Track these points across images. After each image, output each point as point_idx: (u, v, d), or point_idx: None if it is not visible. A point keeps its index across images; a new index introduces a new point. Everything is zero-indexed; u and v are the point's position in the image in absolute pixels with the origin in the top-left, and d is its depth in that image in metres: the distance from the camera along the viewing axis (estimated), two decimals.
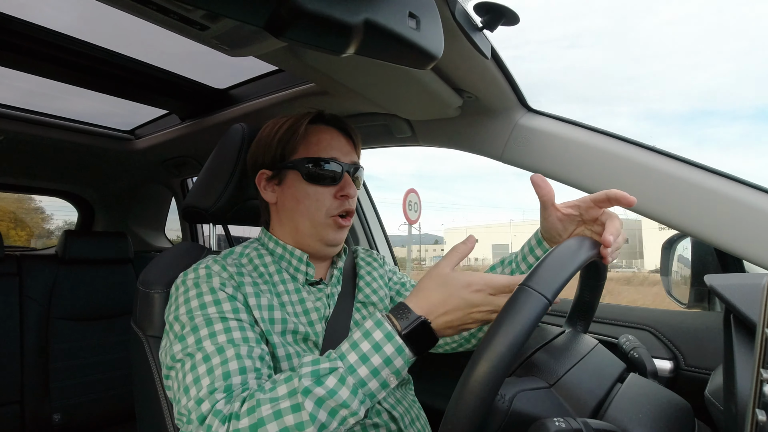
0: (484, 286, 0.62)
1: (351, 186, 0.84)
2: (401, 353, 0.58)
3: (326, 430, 0.56)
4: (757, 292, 0.47)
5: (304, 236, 0.85)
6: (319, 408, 0.56)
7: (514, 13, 0.72)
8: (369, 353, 0.58)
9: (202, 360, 0.64)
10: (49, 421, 1.68)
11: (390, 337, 0.59)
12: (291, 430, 0.55)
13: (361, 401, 0.57)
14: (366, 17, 0.51)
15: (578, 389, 0.60)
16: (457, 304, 0.62)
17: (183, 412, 0.63)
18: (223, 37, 0.68)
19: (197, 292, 0.72)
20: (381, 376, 0.58)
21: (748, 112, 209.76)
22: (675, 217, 0.84)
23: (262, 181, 0.88)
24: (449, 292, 0.62)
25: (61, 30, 1.11)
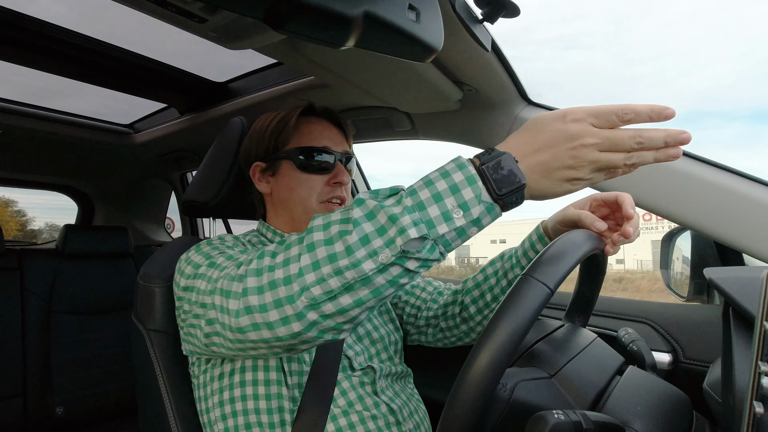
0: (583, 115, 0.51)
1: (344, 173, 0.86)
2: (472, 184, 0.49)
3: (369, 246, 0.49)
4: (756, 286, 0.47)
5: (299, 224, 0.86)
6: (367, 219, 0.50)
7: (514, 4, 0.71)
8: (435, 179, 0.50)
9: (226, 259, 0.65)
10: (52, 414, 1.69)
11: (462, 167, 0.50)
12: (335, 240, 0.50)
13: (414, 222, 0.48)
14: (365, 9, 0.50)
15: (578, 380, 0.60)
16: (550, 138, 0.51)
17: (212, 286, 0.61)
18: (221, 29, 0.67)
19: (209, 243, 0.75)
20: (444, 203, 0.49)
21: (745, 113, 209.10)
22: (675, 210, 0.84)
23: (257, 173, 0.89)
24: (540, 127, 0.53)
25: (59, 23, 1.11)
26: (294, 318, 0.52)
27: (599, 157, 0.50)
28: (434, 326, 0.98)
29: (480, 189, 0.49)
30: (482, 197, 0.49)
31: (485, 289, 0.90)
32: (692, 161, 0.84)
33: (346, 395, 0.76)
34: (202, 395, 0.78)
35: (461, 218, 0.49)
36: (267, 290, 0.54)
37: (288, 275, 0.52)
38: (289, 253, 0.54)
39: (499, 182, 0.49)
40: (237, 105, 1.39)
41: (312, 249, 0.52)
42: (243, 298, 0.55)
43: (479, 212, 0.49)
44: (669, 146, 0.51)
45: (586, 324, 0.82)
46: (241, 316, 0.55)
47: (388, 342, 0.90)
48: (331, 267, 0.50)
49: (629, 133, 0.50)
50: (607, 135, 0.50)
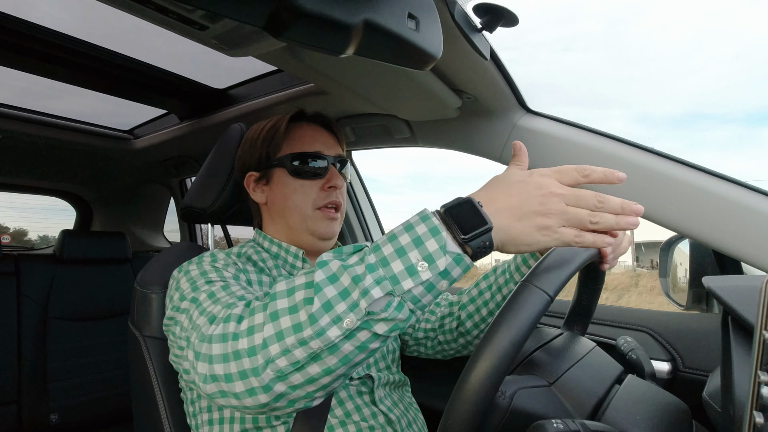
0: (548, 172, 0.53)
1: (338, 177, 0.86)
2: (436, 234, 0.47)
3: (332, 312, 0.47)
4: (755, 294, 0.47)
5: (296, 232, 0.85)
6: (330, 283, 0.48)
7: (513, 14, 0.72)
8: (399, 233, 0.49)
9: (207, 297, 0.63)
10: (47, 421, 1.67)
11: (425, 219, 0.49)
12: (299, 308, 0.48)
13: (376, 280, 0.46)
14: (365, 18, 0.51)
15: (577, 389, 0.60)
16: (518, 188, 0.52)
17: (189, 334, 0.60)
18: (222, 37, 0.68)
19: (198, 267, 0.73)
20: (408, 257, 0.47)
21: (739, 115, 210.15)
22: (673, 218, 0.84)
23: (251, 182, 0.89)
24: (508, 181, 0.53)
25: (59, 29, 1.11)
26: (260, 390, 0.50)
27: (567, 209, 0.51)
28: (432, 339, 0.98)
29: (444, 239, 0.47)
30: (447, 248, 0.47)
31: (480, 304, 0.90)
32: (690, 170, 0.84)
33: (343, 405, 0.76)
34: (191, 411, 0.78)
35: (426, 271, 0.47)
36: (231, 360, 0.51)
37: (252, 346, 0.50)
38: (253, 320, 0.52)
39: (464, 226, 0.48)
40: (237, 111, 1.39)
41: (275, 318, 0.49)
42: (209, 365, 0.53)
43: (446, 263, 0.47)
44: (626, 213, 0.52)
45: (584, 332, 0.82)
46: (208, 383, 0.53)
47: (386, 350, 0.89)
48: (295, 337, 0.48)
49: (590, 192, 0.52)
50: (571, 189, 0.52)
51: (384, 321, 0.47)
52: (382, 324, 0.47)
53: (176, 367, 0.73)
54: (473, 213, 0.49)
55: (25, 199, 2.47)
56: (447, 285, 0.49)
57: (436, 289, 0.49)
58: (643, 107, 43.10)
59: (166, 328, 0.72)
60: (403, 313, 0.48)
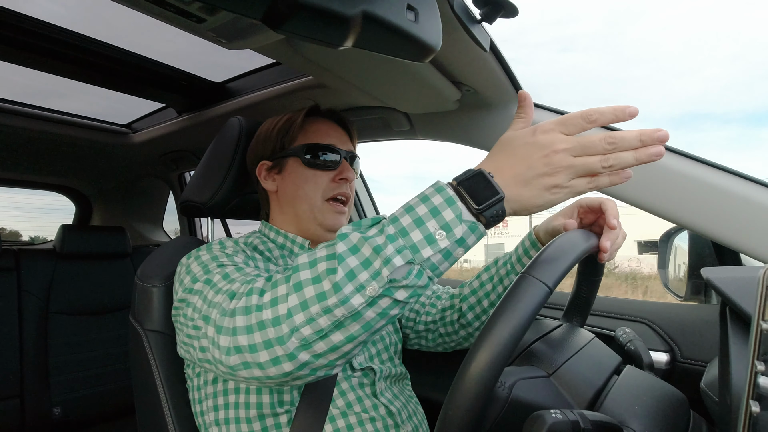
0: (551, 126, 0.53)
1: (349, 170, 0.87)
2: (452, 204, 0.49)
3: (355, 281, 0.49)
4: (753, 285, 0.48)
5: (304, 221, 0.87)
6: (352, 254, 0.50)
7: (512, 5, 0.71)
8: (415, 204, 0.51)
9: (222, 278, 0.64)
10: (49, 415, 1.68)
11: (440, 190, 0.51)
12: (323, 278, 0.50)
13: (397, 249, 0.48)
14: (364, 9, 0.50)
15: (576, 379, 0.61)
16: (522, 152, 0.53)
17: (208, 312, 0.60)
18: (220, 29, 0.67)
19: (208, 251, 0.74)
20: (426, 227, 0.49)
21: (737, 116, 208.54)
22: (672, 210, 0.84)
23: (263, 171, 0.90)
24: (512, 145, 0.54)
25: (57, 23, 1.10)
26: (285, 359, 0.52)
27: (574, 162, 0.51)
28: (433, 331, 0.99)
29: (460, 209, 0.49)
30: (463, 216, 0.49)
31: (481, 296, 0.91)
32: (689, 161, 0.84)
33: (345, 396, 0.76)
34: (197, 398, 0.78)
35: (444, 239, 0.49)
36: (256, 330, 0.53)
37: (276, 316, 0.52)
38: (276, 292, 0.53)
39: (477, 197, 0.50)
40: (235, 105, 1.39)
41: (299, 288, 0.51)
42: (233, 337, 0.54)
43: (462, 232, 0.49)
44: (646, 145, 0.51)
45: (583, 324, 0.82)
46: (231, 354, 0.54)
47: (388, 342, 0.90)
48: (320, 306, 0.49)
49: (599, 135, 0.51)
50: (577, 140, 0.51)
51: (404, 288, 0.49)
52: (403, 291, 0.50)
53: (183, 354, 0.73)
54: (485, 184, 0.50)
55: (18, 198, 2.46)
56: (463, 252, 0.51)
57: (452, 257, 0.51)
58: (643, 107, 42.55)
59: (175, 312, 0.72)
60: (423, 279, 0.50)
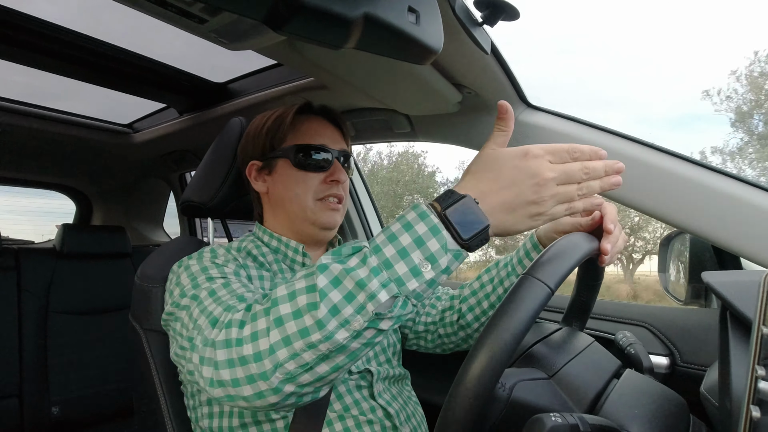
0: (541, 152, 0.52)
1: (341, 172, 0.85)
2: (437, 234, 0.48)
3: (339, 316, 0.47)
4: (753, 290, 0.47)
5: (296, 223, 0.85)
6: (334, 287, 0.48)
7: (514, 8, 0.72)
8: (398, 232, 0.49)
9: (208, 295, 0.63)
10: (48, 414, 1.68)
11: (424, 216, 0.49)
12: (303, 312, 0.49)
13: (382, 284, 0.47)
14: (365, 11, 0.51)
15: (576, 382, 0.61)
16: (512, 175, 0.51)
17: (191, 335, 0.60)
18: (222, 30, 0.67)
19: (198, 262, 0.73)
20: (411, 258, 0.48)
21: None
22: (673, 213, 0.84)
23: (253, 172, 0.88)
24: (500, 164, 0.53)
25: (59, 23, 1.10)
26: (270, 392, 0.51)
27: (558, 190, 0.52)
28: (432, 332, 0.98)
29: (445, 238, 0.48)
30: (448, 246, 0.48)
31: (482, 297, 0.90)
32: (690, 165, 0.84)
33: (342, 399, 0.76)
34: (192, 404, 0.79)
35: (430, 271, 0.48)
36: (238, 365, 0.52)
37: (258, 351, 0.50)
38: (256, 325, 0.52)
39: (463, 228, 0.49)
40: (236, 105, 1.39)
41: (280, 323, 0.50)
42: (215, 371, 0.53)
43: (447, 261, 0.48)
44: (609, 174, 0.55)
45: (583, 328, 0.82)
46: (215, 387, 0.54)
47: (386, 343, 0.90)
48: (303, 342, 0.48)
49: (578, 165, 0.53)
50: (562, 168, 0.52)
51: (389, 319, 0.49)
52: (387, 321, 0.49)
53: (176, 362, 0.73)
54: (471, 212, 0.49)
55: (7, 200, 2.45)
56: (446, 278, 0.51)
57: (436, 284, 0.50)
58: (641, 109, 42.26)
59: (165, 323, 0.72)
60: (407, 309, 0.50)
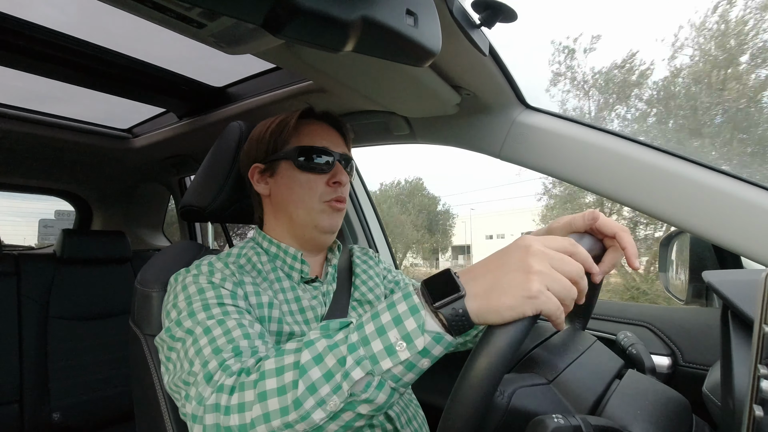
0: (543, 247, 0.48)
1: (343, 173, 0.85)
2: (415, 313, 0.47)
3: (317, 395, 0.47)
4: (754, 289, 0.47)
5: (298, 225, 0.85)
6: (315, 364, 0.48)
7: (511, 9, 0.72)
8: (381, 311, 0.49)
9: (203, 333, 0.63)
10: (49, 420, 1.68)
11: (407, 296, 0.49)
12: (288, 389, 0.49)
13: (357, 361, 0.47)
14: (363, 14, 0.51)
15: (577, 385, 0.60)
16: (501, 261, 0.49)
17: (188, 379, 0.60)
18: (220, 35, 0.68)
19: (195, 282, 0.72)
20: (387, 336, 0.47)
21: None
22: (673, 213, 0.84)
23: (255, 174, 0.88)
24: (500, 252, 0.50)
25: (57, 28, 1.11)
26: None
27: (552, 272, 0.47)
28: None
29: (423, 318, 0.47)
30: (426, 327, 0.47)
31: None
32: (689, 164, 0.84)
33: None
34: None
35: (405, 351, 0.46)
36: None
37: (243, 423, 0.51)
38: (244, 396, 0.52)
39: (435, 293, 0.48)
40: (235, 109, 1.39)
41: (264, 398, 0.50)
42: (203, 430, 0.54)
43: (425, 343, 0.46)
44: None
45: (585, 326, 0.82)
46: None
47: None
48: (281, 420, 0.48)
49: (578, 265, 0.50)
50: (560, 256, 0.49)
51: (366, 402, 0.47)
52: (365, 405, 0.48)
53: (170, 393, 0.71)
54: (446, 280, 0.48)
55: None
56: (429, 363, 0.48)
57: (417, 368, 0.48)
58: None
59: (159, 345, 0.71)
60: (384, 392, 0.48)
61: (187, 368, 0.61)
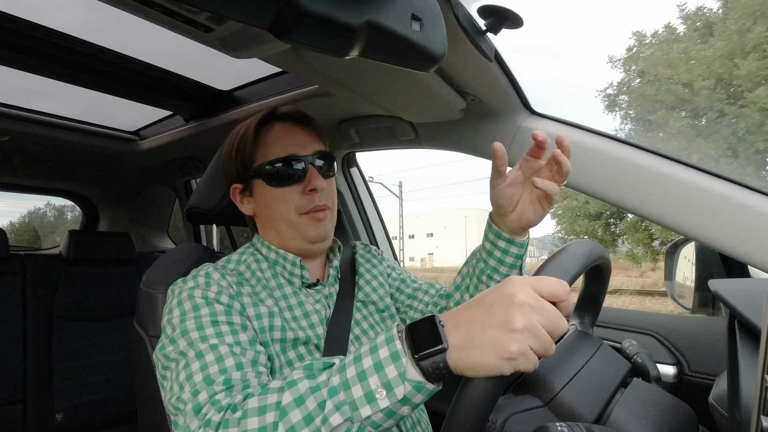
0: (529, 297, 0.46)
1: (317, 179, 0.80)
2: (396, 360, 0.46)
3: None
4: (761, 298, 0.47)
5: (287, 239, 0.83)
6: (296, 406, 0.48)
7: (517, 16, 0.72)
8: (364, 354, 0.49)
9: (195, 357, 0.62)
10: (52, 420, 1.68)
11: (390, 341, 0.48)
12: (269, 430, 0.48)
13: (336, 406, 0.46)
14: (369, 19, 0.51)
15: (576, 403, 0.59)
16: (484, 310, 0.47)
17: (178, 405, 0.60)
18: (227, 38, 0.68)
19: (190, 297, 0.70)
20: (368, 383, 0.47)
21: None
22: (679, 221, 0.84)
23: (236, 195, 0.86)
24: (486, 297, 0.48)
25: (66, 31, 1.12)
26: None
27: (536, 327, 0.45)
28: None
29: (404, 366, 0.46)
30: (407, 375, 0.45)
31: (464, 292, 0.88)
32: (696, 172, 0.84)
33: None
34: None
35: (385, 399, 0.46)
36: None
37: None
38: None
39: (417, 344, 0.46)
40: (242, 113, 1.40)
41: None
42: None
43: (405, 391, 0.45)
44: None
45: (594, 322, 0.80)
46: None
47: None
48: None
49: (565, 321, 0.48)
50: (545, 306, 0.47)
51: None
52: None
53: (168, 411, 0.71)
54: (430, 330, 0.47)
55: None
56: (410, 410, 0.48)
57: (397, 415, 0.47)
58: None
59: (156, 360, 0.70)
60: None
61: (177, 392, 0.61)
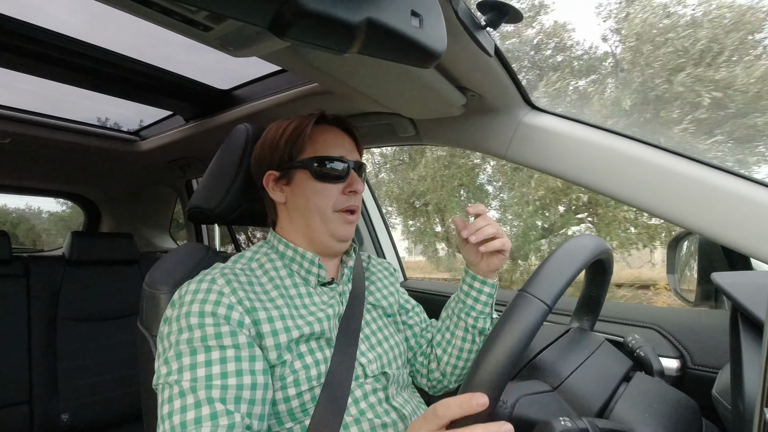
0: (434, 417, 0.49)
1: (358, 182, 0.86)
2: None
3: None
4: (764, 291, 0.47)
5: (315, 233, 0.85)
6: None
7: (517, 10, 0.72)
8: None
9: (178, 395, 0.63)
10: (58, 421, 1.69)
11: None
12: None
13: None
14: (368, 16, 0.51)
15: (583, 391, 0.60)
16: None
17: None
18: (226, 37, 0.68)
19: (190, 310, 0.69)
20: None
21: None
22: (681, 214, 0.83)
23: (270, 182, 0.88)
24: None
25: (65, 32, 1.12)
26: None
27: None
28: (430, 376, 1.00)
29: None
30: None
31: (444, 332, 0.94)
32: (698, 165, 0.84)
33: (358, 404, 0.76)
34: None
35: None
36: None
37: None
38: None
39: None
40: (242, 112, 1.40)
41: None
42: None
43: None
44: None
45: (594, 324, 0.81)
46: None
47: (400, 351, 0.90)
48: None
49: None
50: None
51: None
52: None
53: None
54: None
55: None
56: None
57: None
58: None
59: (156, 360, 0.70)
60: None
61: (167, 420, 0.62)
